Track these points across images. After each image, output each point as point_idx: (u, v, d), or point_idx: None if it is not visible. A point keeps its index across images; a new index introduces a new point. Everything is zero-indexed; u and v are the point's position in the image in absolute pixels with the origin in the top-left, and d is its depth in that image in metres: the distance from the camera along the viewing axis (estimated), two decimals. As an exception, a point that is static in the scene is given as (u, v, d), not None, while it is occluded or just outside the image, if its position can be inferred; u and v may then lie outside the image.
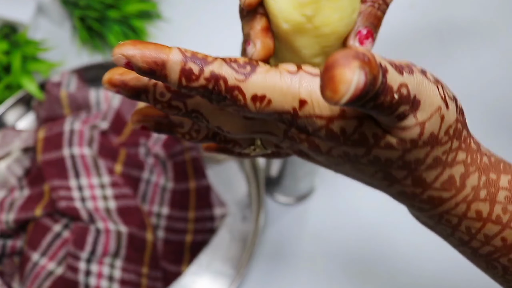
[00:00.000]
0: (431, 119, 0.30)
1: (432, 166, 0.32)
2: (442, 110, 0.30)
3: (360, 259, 0.63)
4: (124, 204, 0.61)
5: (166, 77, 0.28)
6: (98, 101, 0.68)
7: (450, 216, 0.34)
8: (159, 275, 0.61)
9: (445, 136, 0.31)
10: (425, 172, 0.32)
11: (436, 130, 0.31)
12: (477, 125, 0.70)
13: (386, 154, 0.31)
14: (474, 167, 0.33)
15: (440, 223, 0.35)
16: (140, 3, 0.73)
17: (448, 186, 0.33)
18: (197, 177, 0.65)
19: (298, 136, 0.32)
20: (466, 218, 0.34)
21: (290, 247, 0.64)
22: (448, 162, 0.32)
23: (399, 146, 0.30)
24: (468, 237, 0.34)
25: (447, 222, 0.34)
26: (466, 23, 0.77)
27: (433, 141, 0.31)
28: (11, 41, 0.69)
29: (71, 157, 0.62)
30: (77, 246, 0.58)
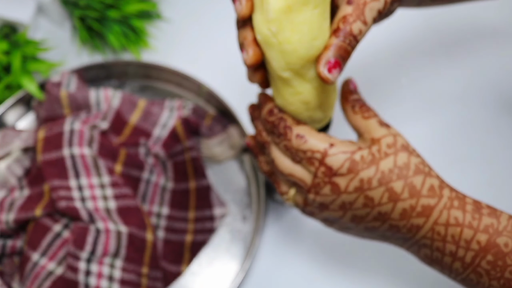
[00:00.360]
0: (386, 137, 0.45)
1: (416, 172, 0.44)
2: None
3: (360, 259, 0.63)
4: (124, 204, 0.61)
5: (262, 110, 0.47)
6: (98, 101, 0.68)
7: (439, 226, 0.42)
8: (159, 275, 0.61)
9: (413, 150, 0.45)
10: (413, 178, 0.43)
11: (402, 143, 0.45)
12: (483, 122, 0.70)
13: (387, 164, 0.43)
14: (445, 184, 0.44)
15: (434, 241, 0.43)
16: (140, 3, 0.73)
17: (432, 193, 0.42)
18: (197, 177, 0.65)
19: (323, 180, 0.43)
20: (449, 225, 0.42)
21: (290, 247, 0.64)
22: (426, 172, 0.44)
23: (389, 149, 0.45)
24: (455, 247, 0.42)
25: (437, 235, 0.42)
26: (468, 26, 0.77)
27: (406, 149, 0.45)
28: (11, 41, 0.69)
29: (71, 157, 0.62)
30: (77, 246, 0.58)
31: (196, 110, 0.68)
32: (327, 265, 0.63)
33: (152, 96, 0.72)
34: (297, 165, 0.45)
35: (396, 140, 0.44)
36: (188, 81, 0.71)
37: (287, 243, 0.64)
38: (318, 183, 0.43)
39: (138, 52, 0.74)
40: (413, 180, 0.42)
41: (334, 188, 0.43)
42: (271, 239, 0.64)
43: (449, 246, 0.42)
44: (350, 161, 0.42)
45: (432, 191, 0.42)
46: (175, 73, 0.71)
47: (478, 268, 0.42)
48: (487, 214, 0.42)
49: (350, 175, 0.42)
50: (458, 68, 0.74)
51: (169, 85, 0.72)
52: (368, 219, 0.44)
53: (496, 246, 0.41)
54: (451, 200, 0.42)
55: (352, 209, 0.43)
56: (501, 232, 0.41)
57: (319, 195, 0.44)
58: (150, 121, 0.68)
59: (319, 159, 0.43)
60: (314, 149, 0.43)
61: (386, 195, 0.42)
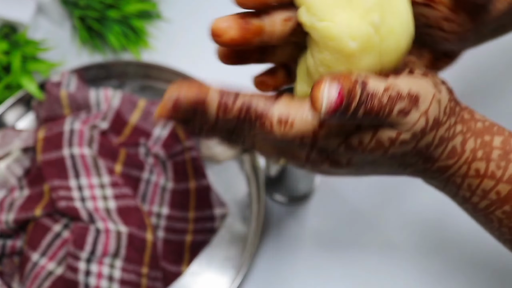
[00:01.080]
0: (431, 107, 0.35)
1: (438, 145, 0.37)
2: (436, 96, 0.35)
3: (361, 259, 0.63)
4: (124, 204, 0.61)
5: (206, 112, 0.34)
6: (98, 101, 0.68)
7: (455, 177, 0.39)
8: (159, 275, 0.61)
9: (444, 117, 0.36)
10: (434, 151, 0.37)
11: (437, 114, 0.35)
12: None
13: (402, 149, 0.35)
14: (470, 133, 0.38)
15: (447, 185, 0.40)
16: (140, 3, 0.73)
17: (452, 155, 0.38)
18: (197, 177, 0.65)
19: (320, 158, 0.36)
20: (467, 177, 0.39)
21: (290, 247, 0.64)
22: (449, 137, 0.37)
23: (412, 139, 0.35)
24: (469, 194, 0.39)
25: (453, 183, 0.39)
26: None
27: (436, 125, 0.36)
28: (11, 41, 0.69)
29: (71, 157, 0.62)
30: (77, 246, 0.58)
31: (196, 110, 0.68)
32: (327, 265, 0.63)
33: (152, 96, 0.72)
34: (283, 145, 0.37)
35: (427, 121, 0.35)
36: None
37: (287, 243, 0.64)
38: (315, 159, 0.37)
39: (138, 52, 0.74)
40: (432, 152, 0.37)
41: (334, 164, 0.37)
42: (271, 239, 0.64)
43: (463, 192, 0.39)
44: (344, 145, 0.36)
45: (452, 153, 0.38)
46: (175, 73, 0.70)
47: (490, 215, 0.39)
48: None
49: (349, 154, 0.37)
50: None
51: (169, 85, 0.72)
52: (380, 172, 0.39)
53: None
54: (475, 152, 0.38)
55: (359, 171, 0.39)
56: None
57: (318, 167, 0.38)
58: (150, 121, 0.68)
59: (310, 144, 0.36)
60: (303, 134, 0.34)
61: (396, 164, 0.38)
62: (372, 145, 0.35)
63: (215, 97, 0.34)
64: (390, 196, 0.66)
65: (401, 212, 0.65)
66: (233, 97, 0.34)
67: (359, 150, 0.35)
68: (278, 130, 0.34)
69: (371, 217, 0.65)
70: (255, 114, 0.34)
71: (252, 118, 0.34)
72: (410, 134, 0.34)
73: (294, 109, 0.34)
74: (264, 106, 0.34)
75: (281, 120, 0.33)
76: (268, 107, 0.34)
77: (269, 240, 0.64)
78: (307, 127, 0.34)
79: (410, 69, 0.35)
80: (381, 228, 0.64)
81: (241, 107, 0.34)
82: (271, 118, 0.34)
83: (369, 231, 0.64)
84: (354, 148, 0.35)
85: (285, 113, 0.34)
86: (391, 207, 0.66)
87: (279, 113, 0.34)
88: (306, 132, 0.34)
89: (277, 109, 0.34)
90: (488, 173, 0.38)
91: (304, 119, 0.34)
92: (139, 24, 0.73)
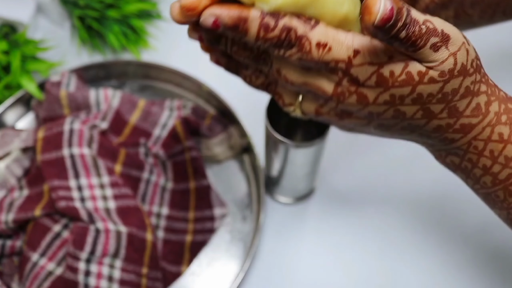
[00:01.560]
0: (460, 51, 0.36)
1: (464, 96, 0.37)
2: (466, 45, 0.36)
3: (361, 259, 0.63)
4: (124, 204, 0.61)
5: (247, 31, 0.35)
6: (98, 101, 0.68)
7: (477, 141, 0.39)
8: (159, 275, 0.60)
9: (471, 68, 0.37)
10: (458, 102, 0.37)
11: (465, 61, 0.36)
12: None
13: (429, 88, 0.36)
14: (494, 97, 0.39)
15: (467, 153, 0.40)
16: (140, 3, 0.73)
17: (476, 113, 0.38)
18: (197, 177, 0.65)
19: (348, 89, 0.38)
20: (490, 141, 0.39)
21: (290, 247, 0.64)
22: (475, 92, 0.38)
23: (440, 77, 0.36)
24: (490, 162, 0.39)
25: (474, 149, 0.39)
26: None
27: (464, 72, 0.36)
28: (11, 41, 0.69)
29: (70, 157, 0.62)
30: (77, 246, 0.58)
31: (196, 110, 0.68)
32: (327, 265, 0.63)
33: (152, 96, 0.72)
34: (312, 73, 0.39)
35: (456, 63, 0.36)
36: (188, 81, 0.70)
37: (287, 243, 0.64)
38: (343, 91, 0.38)
39: (138, 52, 0.74)
40: (457, 104, 0.37)
41: (361, 98, 0.38)
42: (271, 239, 0.64)
43: (484, 160, 0.39)
44: (377, 75, 0.37)
45: (476, 110, 0.38)
46: (175, 73, 0.70)
47: (510, 187, 0.39)
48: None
49: (378, 88, 0.37)
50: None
51: (169, 85, 0.72)
52: (397, 128, 0.40)
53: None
54: (499, 116, 0.39)
55: (380, 118, 0.39)
56: None
57: (342, 103, 0.39)
58: (150, 121, 0.68)
59: (343, 69, 0.37)
60: (339, 58, 0.37)
61: (420, 112, 0.38)
62: (402, 78, 0.36)
63: (257, 16, 0.35)
64: (390, 196, 0.66)
65: (401, 211, 0.65)
66: (275, 18, 0.36)
67: (389, 82, 0.36)
68: (317, 53, 0.36)
69: (371, 216, 0.65)
70: (295, 36, 0.36)
71: (292, 39, 0.36)
72: (438, 72, 0.35)
73: (332, 33, 0.36)
74: (304, 29, 0.36)
75: (319, 43, 0.36)
76: (308, 30, 0.36)
77: (269, 240, 0.64)
78: (344, 52, 0.36)
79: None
80: (381, 227, 0.64)
81: (283, 28, 0.35)
82: (311, 40, 0.36)
83: (369, 231, 0.64)
84: (385, 80, 0.36)
85: (324, 37, 0.36)
86: (391, 206, 0.66)
87: (318, 37, 0.36)
88: (342, 57, 0.36)
89: (317, 33, 0.36)
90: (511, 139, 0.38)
91: (341, 43, 0.36)
92: (139, 23, 0.73)
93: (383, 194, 0.66)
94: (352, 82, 0.37)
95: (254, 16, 0.35)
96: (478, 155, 0.39)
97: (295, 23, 0.36)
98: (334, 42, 0.36)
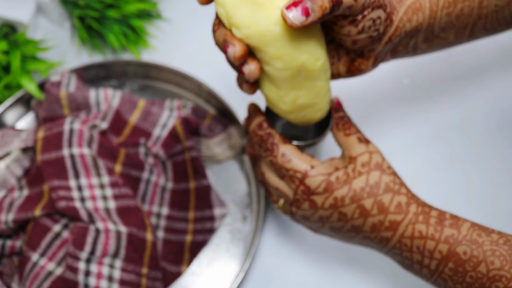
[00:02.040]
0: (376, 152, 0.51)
1: (386, 190, 0.48)
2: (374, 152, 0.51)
3: (361, 258, 0.63)
4: (124, 204, 0.61)
5: (249, 125, 0.53)
6: (98, 101, 0.68)
7: (405, 239, 0.47)
8: (159, 276, 0.60)
9: (388, 169, 0.49)
10: (382, 196, 0.47)
11: (380, 160, 0.49)
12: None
13: (361, 182, 0.48)
14: (413, 200, 0.48)
15: (402, 251, 0.47)
16: (140, 3, 0.73)
17: (399, 210, 0.47)
18: (197, 177, 0.65)
19: (302, 196, 0.48)
20: (414, 238, 0.46)
21: (290, 247, 0.64)
22: (395, 190, 0.48)
23: (363, 168, 0.49)
24: (420, 256, 0.47)
25: (405, 246, 0.47)
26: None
27: (380, 168, 0.49)
28: (11, 41, 0.69)
29: (70, 157, 0.62)
30: (77, 246, 0.58)
31: (196, 110, 0.68)
32: (327, 264, 0.63)
33: (152, 96, 0.72)
34: (282, 180, 0.50)
35: (371, 158, 0.48)
36: (188, 81, 0.70)
37: (287, 243, 0.64)
38: (298, 199, 0.49)
39: (138, 52, 0.74)
40: (382, 198, 0.47)
41: (312, 204, 0.48)
42: (271, 239, 0.64)
43: (416, 256, 0.47)
44: (326, 182, 0.47)
45: (399, 208, 0.47)
46: (175, 73, 0.70)
47: (442, 274, 0.46)
48: (449, 225, 0.46)
49: (325, 194, 0.47)
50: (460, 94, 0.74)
51: (169, 85, 0.72)
52: (344, 230, 0.49)
53: (456, 254, 0.45)
54: (416, 216, 0.47)
55: (329, 222, 0.49)
56: (460, 242, 0.45)
57: (300, 209, 0.49)
58: (150, 121, 0.68)
59: (300, 179, 0.48)
60: (296, 169, 0.48)
61: (357, 211, 0.47)
62: (343, 179, 0.48)
63: (262, 119, 0.51)
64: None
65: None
66: (268, 126, 0.50)
67: (334, 186, 0.48)
68: (281, 159, 0.48)
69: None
70: (271, 141, 0.49)
71: (268, 143, 0.49)
72: (360, 164, 0.49)
73: (297, 153, 0.48)
74: (279, 141, 0.49)
75: (284, 154, 0.48)
76: (281, 143, 0.49)
77: (269, 240, 0.64)
78: (302, 166, 0.48)
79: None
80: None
81: (268, 132, 0.50)
82: (280, 149, 0.49)
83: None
84: (331, 184, 0.48)
85: (288, 152, 0.49)
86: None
87: (285, 150, 0.49)
88: (300, 168, 0.48)
89: (286, 147, 0.49)
90: (429, 235, 0.46)
91: (302, 159, 0.48)
92: (139, 23, 0.73)
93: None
94: (305, 190, 0.48)
95: (261, 118, 0.51)
96: (409, 252, 0.47)
97: (277, 136, 0.49)
98: (295, 157, 0.48)
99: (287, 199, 0.50)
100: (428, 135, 0.70)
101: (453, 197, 0.66)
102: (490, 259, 0.44)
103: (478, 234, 0.46)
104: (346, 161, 0.49)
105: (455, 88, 0.73)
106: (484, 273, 0.44)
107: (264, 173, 0.51)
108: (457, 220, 0.47)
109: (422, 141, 0.69)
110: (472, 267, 0.45)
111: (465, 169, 0.68)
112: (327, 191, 0.47)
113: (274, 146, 0.49)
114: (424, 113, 0.71)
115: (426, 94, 0.72)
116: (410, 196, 0.48)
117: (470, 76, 0.74)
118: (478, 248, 0.45)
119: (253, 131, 0.50)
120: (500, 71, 0.74)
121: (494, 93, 0.72)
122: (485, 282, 0.44)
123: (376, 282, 0.62)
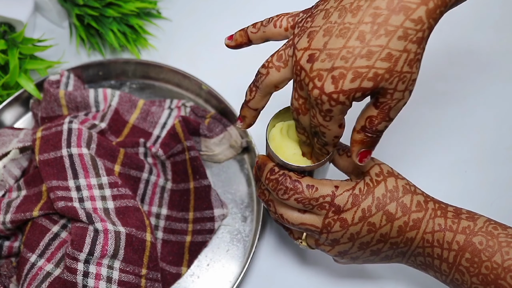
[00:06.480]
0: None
1: (405, 192, 0.51)
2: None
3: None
4: (123, 205, 0.61)
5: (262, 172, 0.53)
6: (97, 100, 0.68)
7: (427, 235, 0.49)
8: (158, 276, 0.60)
9: (399, 175, 0.52)
10: (403, 197, 0.50)
11: (390, 169, 0.52)
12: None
13: (381, 189, 0.50)
14: (430, 198, 0.52)
15: (424, 248, 0.50)
16: (139, 2, 0.73)
17: (420, 208, 0.50)
18: (196, 177, 0.64)
19: (333, 218, 0.50)
20: (434, 231, 0.49)
21: (290, 248, 0.63)
22: (412, 191, 0.51)
23: (383, 175, 0.52)
24: (440, 250, 0.49)
25: (427, 243, 0.50)
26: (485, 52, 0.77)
27: (393, 175, 0.52)
28: (9, 40, 0.68)
29: (69, 157, 0.61)
30: (75, 247, 0.57)
31: (196, 109, 0.68)
32: (327, 265, 0.63)
33: (151, 96, 0.72)
34: (305, 213, 0.51)
35: (382, 168, 0.51)
36: (188, 81, 0.70)
37: (287, 243, 0.64)
38: (329, 222, 0.50)
39: (137, 51, 0.73)
40: (404, 199, 0.49)
41: (343, 223, 0.50)
42: (271, 239, 0.64)
43: (436, 249, 0.49)
44: (352, 196, 0.49)
45: (419, 206, 0.50)
46: (175, 72, 0.70)
47: (460, 266, 0.48)
48: (465, 218, 0.49)
49: (354, 208, 0.49)
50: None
51: (168, 85, 0.72)
52: (373, 243, 0.51)
53: (472, 244, 0.47)
54: (435, 211, 0.50)
55: (359, 237, 0.50)
56: (476, 232, 0.48)
57: (331, 233, 0.50)
58: (149, 121, 0.68)
59: (329, 202, 0.50)
60: (324, 194, 0.50)
61: (384, 217, 0.49)
62: (366, 189, 0.50)
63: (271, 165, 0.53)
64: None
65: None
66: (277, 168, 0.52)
67: (360, 198, 0.50)
68: (308, 192, 0.50)
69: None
70: (290, 180, 0.51)
71: (288, 182, 0.51)
72: (376, 172, 0.52)
73: (316, 180, 0.51)
74: (296, 177, 0.51)
75: (309, 185, 0.50)
76: (299, 178, 0.51)
77: (269, 240, 0.64)
78: (328, 189, 0.50)
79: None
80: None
81: (283, 173, 0.51)
82: (302, 184, 0.50)
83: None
84: (357, 196, 0.50)
85: (311, 182, 0.51)
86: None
87: (307, 182, 0.51)
88: (327, 192, 0.50)
89: (305, 179, 0.51)
90: (447, 227, 0.49)
91: (324, 184, 0.50)
92: (138, 22, 0.73)
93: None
94: (336, 211, 0.49)
95: (271, 164, 0.53)
96: (431, 246, 0.49)
97: (292, 174, 0.51)
98: (319, 184, 0.50)
99: (314, 230, 0.51)
100: (428, 135, 0.70)
101: (453, 197, 0.66)
102: (505, 249, 0.46)
103: (493, 227, 0.48)
104: (360, 176, 0.52)
105: (455, 88, 0.73)
106: (499, 263, 0.46)
107: (283, 214, 0.52)
108: (474, 214, 0.50)
109: (422, 141, 0.69)
110: (488, 257, 0.46)
111: (465, 169, 0.68)
112: (355, 205, 0.49)
113: (296, 183, 0.50)
114: (424, 113, 0.71)
115: (426, 94, 0.72)
116: (425, 195, 0.51)
117: (470, 76, 0.74)
118: (493, 239, 0.47)
119: (267, 178, 0.52)
120: (500, 71, 0.74)
121: (494, 93, 0.72)
122: (500, 273, 0.46)
123: (376, 284, 0.62)
